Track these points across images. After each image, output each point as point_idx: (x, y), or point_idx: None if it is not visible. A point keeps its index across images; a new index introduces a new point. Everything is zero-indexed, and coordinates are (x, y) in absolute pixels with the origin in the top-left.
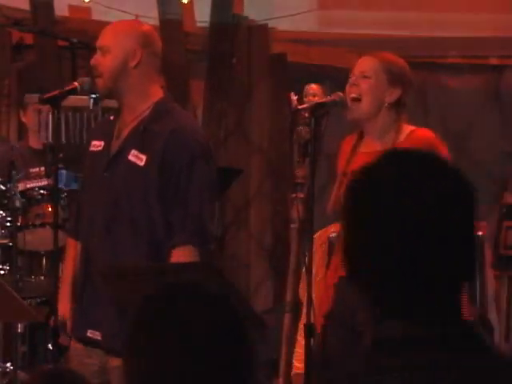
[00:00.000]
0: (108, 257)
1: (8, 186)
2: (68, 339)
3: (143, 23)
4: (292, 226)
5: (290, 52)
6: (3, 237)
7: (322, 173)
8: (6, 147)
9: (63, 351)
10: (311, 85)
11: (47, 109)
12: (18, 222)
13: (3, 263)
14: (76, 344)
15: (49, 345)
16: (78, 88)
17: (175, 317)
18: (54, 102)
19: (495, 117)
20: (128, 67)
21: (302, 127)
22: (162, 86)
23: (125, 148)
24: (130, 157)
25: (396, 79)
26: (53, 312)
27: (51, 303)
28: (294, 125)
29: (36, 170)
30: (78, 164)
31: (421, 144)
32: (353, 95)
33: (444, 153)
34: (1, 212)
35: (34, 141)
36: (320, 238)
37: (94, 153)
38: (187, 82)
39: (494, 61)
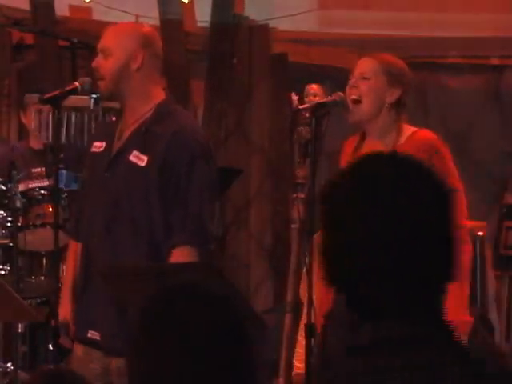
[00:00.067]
0: (108, 257)
1: (8, 186)
2: (69, 341)
3: (144, 25)
4: (292, 226)
5: (291, 52)
6: (4, 237)
7: (323, 173)
8: (7, 147)
9: (64, 351)
10: (312, 85)
11: (47, 109)
12: (19, 222)
13: (4, 263)
14: (77, 349)
15: (49, 345)
16: (79, 88)
17: (175, 317)
18: (55, 102)
19: (495, 117)
20: (130, 70)
21: (303, 127)
22: (164, 88)
23: (126, 149)
24: (131, 157)
25: (395, 80)
26: (53, 312)
27: (52, 303)
28: (295, 125)
29: (37, 171)
30: (79, 164)
31: (422, 145)
32: (353, 97)
33: (445, 154)
34: (1, 212)
35: (35, 141)
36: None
37: (95, 154)
38: (187, 82)
39: (494, 61)
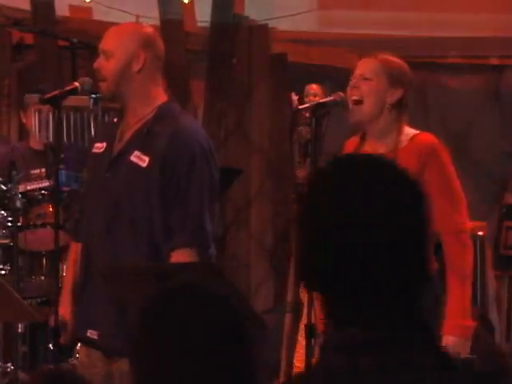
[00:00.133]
0: (108, 257)
1: (9, 187)
2: (69, 340)
3: (146, 26)
4: (293, 227)
5: (291, 52)
6: (4, 237)
7: None
8: (7, 148)
9: (64, 351)
10: (312, 85)
11: (47, 109)
12: (19, 222)
13: (4, 263)
14: (80, 353)
15: (49, 345)
16: (79, 88)
17: (175, 317)
18: (55, 102)
19: (495, 117)
20: (131, 71)
21: (303, 127)
22: (166, 89)
23: (127, 150)
24: (132, 158)
25: (397, 80)
26: (53, 312)
27: (52, 303)
28: (295, 125)
29: (37, 172)
30: (79, 164)
31: (423, 149)
32: (354, 97)
33: (446, 158)
34: (2, 212)
35: (35, 141)
36: None
37: (96, 154)
38: (187, 82)
39: (494, 61)
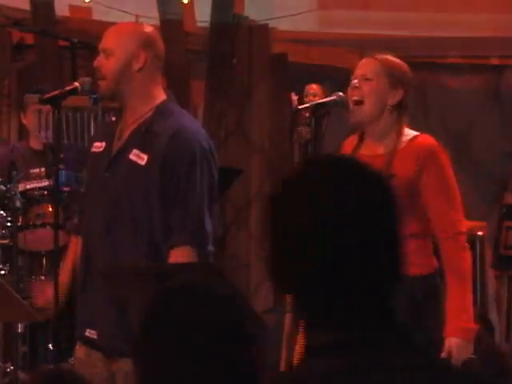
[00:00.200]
0: (108, 257)
1: (8, 187)
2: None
3: (146, 25)
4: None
5: (291, 52)
6: (4, 237)
7: None
8: (7, 148)
9: (64, 351)
10: (311, 85)
11: (47, 109)
12: (19, 222)
13: (4, 263)
14: (79, 352)
15: (49, 345)
16: (79, 88)
17: (175, 317)
18: (55, 102)
19: (495, 117)
20: (131, 70)
21: (303, 127)
22: (165, 88)
23: (126, 148)
24: (131, 156)
25: (397, 81)
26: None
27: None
28: (295, 125)
29: (36, 171)
30: (79, 164)
31: (422, 151)
32: (355, 98)
33: (444, 161)
34: (1, 212)
35: (35, 141)
36: None
37: (96, 154)
38: (187, 82)
39: (494, 61)
